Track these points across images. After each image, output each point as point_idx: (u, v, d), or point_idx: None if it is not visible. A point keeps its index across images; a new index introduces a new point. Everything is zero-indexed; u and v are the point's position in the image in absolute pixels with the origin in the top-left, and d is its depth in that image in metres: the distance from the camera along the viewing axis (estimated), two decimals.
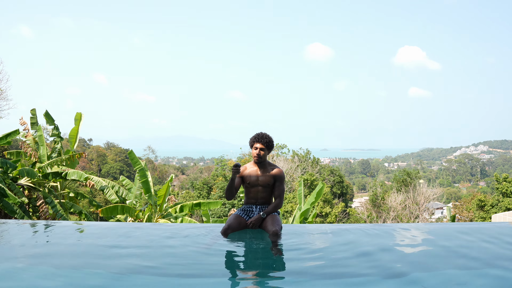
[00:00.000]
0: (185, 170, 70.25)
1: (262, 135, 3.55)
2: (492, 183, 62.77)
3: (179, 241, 3.26)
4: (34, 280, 2.33)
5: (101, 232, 3.70)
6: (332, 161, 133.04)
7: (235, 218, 3.52)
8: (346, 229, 3.83)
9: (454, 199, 52.52)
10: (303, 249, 3.04)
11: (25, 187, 11.63)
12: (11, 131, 11.48)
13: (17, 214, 10.03)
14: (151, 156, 74.51)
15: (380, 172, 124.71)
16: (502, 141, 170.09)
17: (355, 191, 77.82)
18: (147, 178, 10.29)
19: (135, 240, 3.34)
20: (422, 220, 25.21)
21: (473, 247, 3.07)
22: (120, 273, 2.45)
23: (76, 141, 12.58)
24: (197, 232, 3.56)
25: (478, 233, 3.57)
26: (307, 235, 3.61)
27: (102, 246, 3.11)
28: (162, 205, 10.38)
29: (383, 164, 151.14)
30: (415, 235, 3.60)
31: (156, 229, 3.86)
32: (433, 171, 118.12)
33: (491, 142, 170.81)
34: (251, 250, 3.09)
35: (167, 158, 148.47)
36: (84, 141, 57.73)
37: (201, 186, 33.36)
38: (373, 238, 3.35)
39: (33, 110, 12.26)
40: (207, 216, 11.11)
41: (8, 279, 2.32)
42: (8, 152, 12.39)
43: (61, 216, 10.81)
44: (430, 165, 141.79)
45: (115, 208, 9.77)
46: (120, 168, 54.71)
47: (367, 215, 26.72)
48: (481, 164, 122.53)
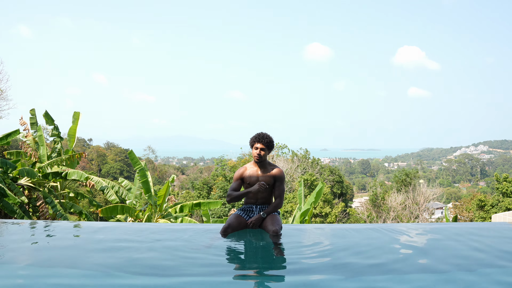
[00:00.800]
0: (185, 170, 70.25)
1: (263, 135, 3.56)
2: (492, 183, 62.82)
3: (178, 241, 3.26)
4: (34, 280, 2.33)
5: (101, 232, 3.69)
6: (332, 161, 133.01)
7: (235, 218, 3.53)
8: (346, 229, 3.83)
9: (454, 199, 52.54)
10: (303, 249, 3.04)
11: (25, 187, 11.62)
12: (11, 131, 11.48)
13: (17, 214, 10.02)
14: (151, 156, 74.57)
15: (380, 172, 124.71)
16: (502, 141, 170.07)
17: (355, 191, 77.80)
18: (147, 178, 10.29)
19: (135, 240, 3.34)
20: (422, 220, 25.21)
21: (473, 247, 3.07)
22: (120, 273, 2.45)
23: (74, 140, 12.58)
24: (197, 232, 3.56)
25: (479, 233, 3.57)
26: (307, 235, 3.61)
27: (102, 245, 3.11)
28: (162, 205, 10.38)
29: (383, 164, 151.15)
30: (415, 235, 3.60)
31: (156, 229, 3.86)
32: (433, 171, 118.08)
33: (491, 142, 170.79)
34: (251, 249, 3.09)
35: (167, 158, 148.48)
36: (84, 141, 57.72)
37: (201, 186, 33.36)
38: (373, 238, 3.35)
39: (33, 110, 12.26)
40: (207, 216, 11.11)
41: (8, 279, 2.32)
42: (8, 152, 12.39)
43: (61, 216, 10.81)
44: (430, 165, 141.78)
45: (115, 208, 9.78)
46: (120, 168, 54.70)
47: (367, 215, 26.72)
48: (481, 164, 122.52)
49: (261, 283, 2.33)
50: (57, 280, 2.32)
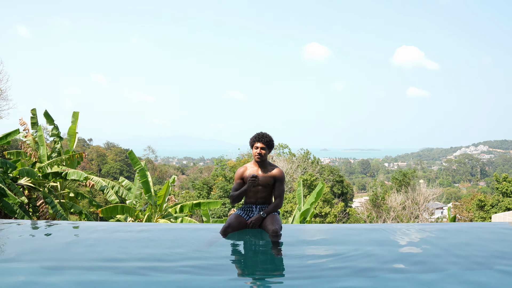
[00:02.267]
0: (185, 170, 70.24)
1: (263, 135, 3.57)
2: (492, 183, 62.75)
3: (178, 240, 3.26)
4: (34, 279, 2.33)
5: (100, 231, 3.70)
6: (332, 161, 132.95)
7: (235, 218, 3.53)
8: (346, 228, 3.83)
9: (454, 199, 52.52)
10: (303, 249, 3.05)
11: (25, 187, 11.63)
12: (11, 131, 11.48)
13: (17, 214, 10.02)
14: (151, 156, 74.57)
15: (380, 172, 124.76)
16: (502, 141, 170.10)
17: (355, 191, 77.81)
18: (147, 178, 10.30)
19: (135, 240, 3.35)
20: (422, 220, 25.22)
21: (473, 247, 3.08)
22: (119, 272, 2.46)
23: (75, 140, 12.58)
24: (197, 231, 3.56)
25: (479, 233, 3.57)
26: (307, 235, 3.61)
27: (102, 245, 3.12)
28: (162, 205, 10.38)
29: (383, 164, 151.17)
30: (414, 235, 3.60)
31: (155, 228, 3.86)
32: (433, 171, 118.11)
33: (491, 142, 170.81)
34: (250, 249, 3.10)
35: (167, 158, 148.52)
36: (84, 141, 57.70)
37: (201, 186, 33.36)
38: (373, 238, 3.35)
39: (34, 110, 12.26)
40: (207, 216, 11.12)
41: (7, 279, 2.32)
42: (8, 152, 12.40)
43: (61, 216, 10.81)
44: (430, 165, 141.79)
45: (115, 208, 9.78)
46: (120, 168, 54.69)
47: (367, 215, 26.73)
48: (481, 164, 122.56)
49: (261, 284, 2.33)
50: (57, 280, 2.33)
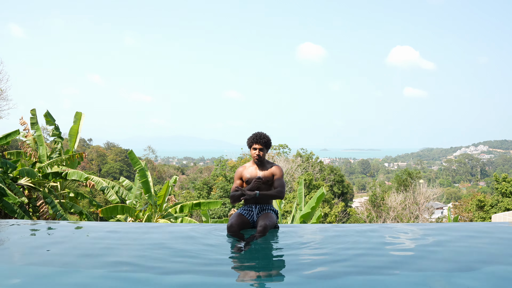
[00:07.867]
0: (185, 170, 70.16)
1: (260, 135, 3.58)
2: (492, 183, 62.73)
3: (178, 241, 3.26)
4: (34, 279, 2.34)
5: (100, 231, 3.70)
6: (332, 161, 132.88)
7: (237, 216, 3.54)
8: (346, 228, 3.83)
9: (454, 199, 52.50)
10: (303, 249, 3.05)
11: (25, 187, 11.62)
12: (11, 131, 11.47)
13: (17, 214, 10.02)
14: (151, 156, 74.53)
15: (380, 172, 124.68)
16: (502, 141, 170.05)
17: (355, 191, 77.74)
18: (147, 178, 10.30)
19: (135, 239, 3.35)
20: (422, 220, 25.21)
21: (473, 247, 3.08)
22: (119, 272, 2.46)
23: (76, 140, 12.57)
24: (197, 232, 3.57)
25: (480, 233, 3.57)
26: (306, 235, 3.61)
27: (102, 245, 3.12)
28: (162, 205, 10.39)
29: (383, 164, 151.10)
30: (414, 235, 3.61)
31: (155, 229, 3.87)
32: (433, 171, 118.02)
33: (491, 142, 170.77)
34: (250, 249, 3.10)
35: (167, 158, 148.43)
36: (84, 141, 57.71)
37: (201, 186, 33.35)
38: (373, 238, 3.36)
39: (33, 110, 12.25)
40: (207, 216, 11.12)
41: (7, 279, 2.33)
42: (8, 152, 12.40)
43: (61, 216, 10.81)
44: (430, 165, 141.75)
45: (115, 208, 9.78)
46: (120, 168, 54.67)
47: (367, 215, 26.72)
48: (481, 164, 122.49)
49: (261, 283, 2.33)
50: (57, 280, 2.33)
